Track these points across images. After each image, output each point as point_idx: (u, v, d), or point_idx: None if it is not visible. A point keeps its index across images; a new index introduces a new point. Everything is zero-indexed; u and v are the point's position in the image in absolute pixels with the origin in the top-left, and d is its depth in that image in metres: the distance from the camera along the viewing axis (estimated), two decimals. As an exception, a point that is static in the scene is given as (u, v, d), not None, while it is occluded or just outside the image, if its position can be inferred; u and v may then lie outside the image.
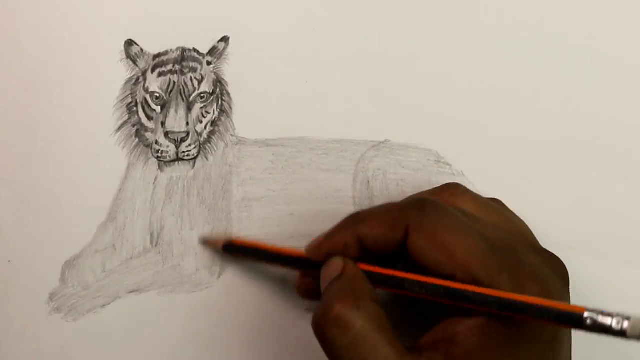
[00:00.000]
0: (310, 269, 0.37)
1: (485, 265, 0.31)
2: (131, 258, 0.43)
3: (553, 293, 0.32)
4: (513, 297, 0.30)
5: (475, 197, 0.37)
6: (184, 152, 0.43)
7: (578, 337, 0.34)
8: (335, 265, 0.34)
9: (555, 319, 0.29)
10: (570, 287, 0.36)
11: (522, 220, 0.38)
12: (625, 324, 0.27)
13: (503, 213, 0.38)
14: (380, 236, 0.34)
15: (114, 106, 0.43)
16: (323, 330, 0.32)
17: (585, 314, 0.28)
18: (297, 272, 0.39)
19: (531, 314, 0.30)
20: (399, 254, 0.34)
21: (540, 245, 0.37)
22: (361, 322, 0.31)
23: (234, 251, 0.41)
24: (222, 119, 0.43)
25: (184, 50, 0.43)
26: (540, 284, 0.32)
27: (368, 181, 0.43)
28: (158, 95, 0.43)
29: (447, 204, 0.35)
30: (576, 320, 0.29)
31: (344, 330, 0.31)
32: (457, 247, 0.32)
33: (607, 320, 0.28)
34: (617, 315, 0.28)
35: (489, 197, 0.39)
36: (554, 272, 0.34)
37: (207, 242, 0.43)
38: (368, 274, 0.34)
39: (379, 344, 0.31)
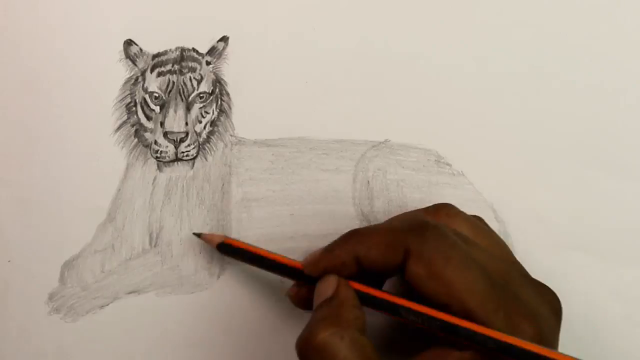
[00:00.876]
0: (306, 281, 0.37)
1: (482, 302, 0.31)
2: (130, 258, 0.43)
3: (546, 333, 0.32)
4: (510, 340, 0.30)
5: (468, 219, 0.37)
6: (183, 152, 0.43)
7: None
8: (328, 285, 0.34)
9: None
10: (571, 287, 0.36)
11: (504, 242, 0.37)
12: None
13: (492, 236, 0.37)
14: (379, 258, 0.33)
15: (113, 106, 0.43)
16: (306, 355, 0.32)
17: None
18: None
19: None
20: (396, 274, 0.34)
21: (530, 276, 0.37)
22: (344, 352, 0.31)
23: (229, 252, 0.41)
24: (222, 119, 0.43)
25: (183, 50, 0.43)
26: (534, 324, 0.32)
27: (368, 181, 0.43)
28: (157, 95, 0.43)
29: (444, 226, 0.34)
30: None
31: (326, 358, 0.31)
32: (456, 281, 0.31)
33: None
34: None
35: (488, 201, 0.39)
36: (548, 307, 0.34)
37: (201, 237, 0.42)
38: (363, 295, 0.34)
39: None
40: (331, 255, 0.35)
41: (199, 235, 0.42)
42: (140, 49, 0.43)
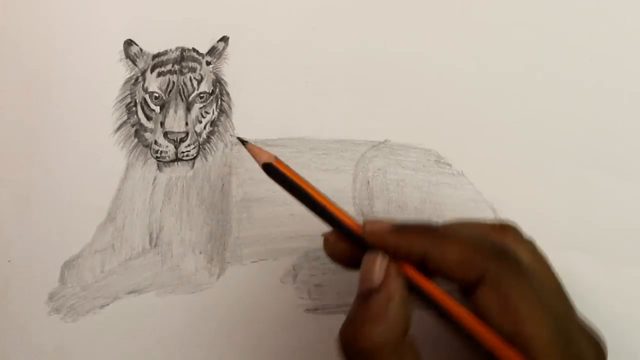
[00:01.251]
0: (350, 237, 0.33)
1: (545, 349, 0.30)
2: (130, 258, 0.43)
3: None
4: None
5: (529, 244, 0.35)
6: (183, 152, 0.43)
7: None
8: (377, 268, 0.31)
9: None
10: (571, 287, 0.36)
11: (553, 267, 0.35)
12: None
13: (547, 263, 0.35)
14: (450, 269, 0.31)
15: (114, 106, 0.43)
16: (349, 355, 0.30)
17: None
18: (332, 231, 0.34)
19: None
20: (460, 289, 0.31)
21: (578, 314, 0.35)
22: None
23: (273, 174, 0.34)
24: (222, 119, 0.43)
25: (183, 50, 0.43)
26: None
27: (368, 181, 0.43)
28: (157, 95, 0.43)
29: (521, 257, 0.32)
30: None
31: None
32: (527, 321, 0.30)
33: None
34: None
35: (488, 200, 0.39)
36: (598, 358, 0.33)
37: (246, 147, 0.34)
38: (414, 287, 0.31)
39: None
40: (400, 238, 0.31)
41: (244, 142, 0.34)
42: (141, 49, 0.43)
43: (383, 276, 0.31)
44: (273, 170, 0.34)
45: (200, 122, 0.43)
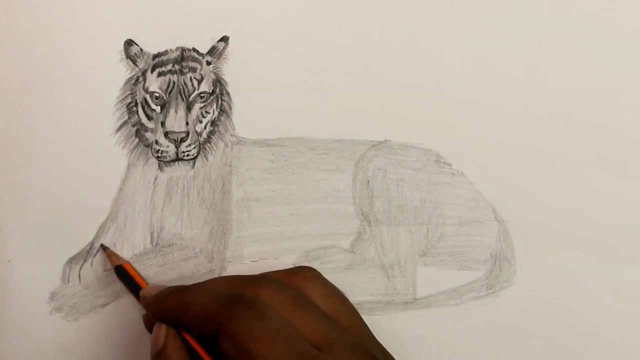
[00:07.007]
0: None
1: None
2: (131, 258, 0.43)
3: None
4: None
5: (324, 284, 0.38)
6: (183, 152, 0.43)
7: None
8: (159, 335, 0.37)
9: None
10: (571, 286, 0.36)
11: (355, 310, 0.38)
12: None
13: (345, 303, 0.38)
14: (197, 328, 0.35)
15: (114, 106, 0.43)
16: None
17: None
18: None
19: None
20: None
21: (368, 342, 0.37)
22: None
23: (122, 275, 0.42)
24: (222, 118, 0.43)
25: (183, 50, 0.43)
26: None
27: (368, 181, 0.43)
28: (158, 95, 0.43)
29: (297, 287, 0.36)
30: None
31: None
32: (260, 356, 0.32)
33: None
34: None
35: (488, 200, 0.39)
36: None
37: (106, 252, 0.43)
38: (193, 352, 0.36)
39: None
40: (158, 303, 0.38)
41: (104, 248, 0.43)
42: (141, 49, 0.43)
43: (164, 340, 0.36)
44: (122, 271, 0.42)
45: (201, 121, 0.43)
